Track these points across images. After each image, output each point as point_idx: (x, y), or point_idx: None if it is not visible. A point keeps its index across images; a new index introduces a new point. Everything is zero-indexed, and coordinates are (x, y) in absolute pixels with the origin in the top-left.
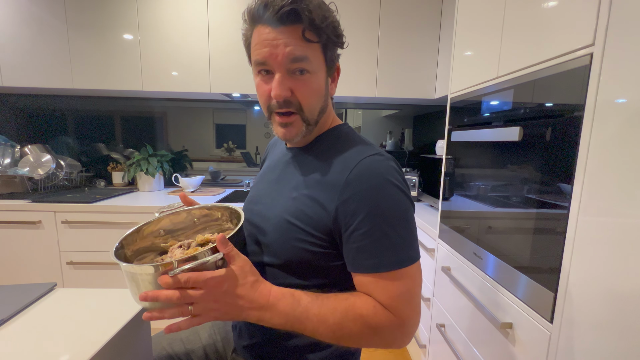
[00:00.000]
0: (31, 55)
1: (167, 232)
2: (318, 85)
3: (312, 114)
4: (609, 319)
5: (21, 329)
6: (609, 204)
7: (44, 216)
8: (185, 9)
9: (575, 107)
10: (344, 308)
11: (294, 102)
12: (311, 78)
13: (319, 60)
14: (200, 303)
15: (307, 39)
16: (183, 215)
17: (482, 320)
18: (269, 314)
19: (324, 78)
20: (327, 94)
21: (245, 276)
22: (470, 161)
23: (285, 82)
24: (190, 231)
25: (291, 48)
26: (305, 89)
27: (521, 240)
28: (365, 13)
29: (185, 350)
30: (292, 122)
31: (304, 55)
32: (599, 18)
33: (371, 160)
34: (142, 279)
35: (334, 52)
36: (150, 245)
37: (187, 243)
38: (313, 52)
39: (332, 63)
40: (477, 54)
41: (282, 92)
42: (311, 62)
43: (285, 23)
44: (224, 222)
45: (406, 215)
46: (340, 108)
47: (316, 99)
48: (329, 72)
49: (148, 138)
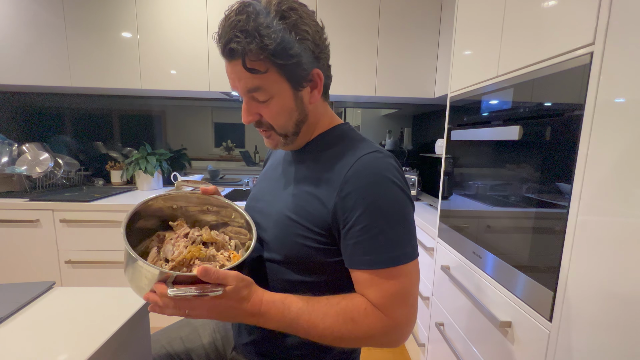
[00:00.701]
0: (29, 53)
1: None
2: (282, 107)
3: (285, 130)
4: (608, 318)
5: (19, 328)
6: (608, 203)
7: (42, 215)
8: (184, 7)
9: (575, 106)
10: (334, 313)
11: (264, 122)
12: (272, 102)
13: (276, 83)
14: (195, 311)
15: (252, 70)
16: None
17: (481, 319)
18: (261, 320)
19: (290, 96)
20: (300, 106)
21: (238, 293)
22: (469, 160)
23: (251, 109)
24: (200, 214)
25: (243, 82)
26: (269, 112)
27: (520, 239)
28: (365, 12)
29: (185, 348)
30: (270, 135)
31: (255, 85)
32: (599, 17)
33: (370, 158)
34: (140, 272)
35: (299, 67)
36: (162, 209)
37: (194, 236)
38: (265, 79)
39: (299, 77)
40: (476, 53)
41: (248, 117)
42: (265, 89)
43: (229, 59)
44: (235, 224)
45: (404, 212)
46: (340, 107)
47: (284, 118)
48: (297, 87)
49: (147, 137)
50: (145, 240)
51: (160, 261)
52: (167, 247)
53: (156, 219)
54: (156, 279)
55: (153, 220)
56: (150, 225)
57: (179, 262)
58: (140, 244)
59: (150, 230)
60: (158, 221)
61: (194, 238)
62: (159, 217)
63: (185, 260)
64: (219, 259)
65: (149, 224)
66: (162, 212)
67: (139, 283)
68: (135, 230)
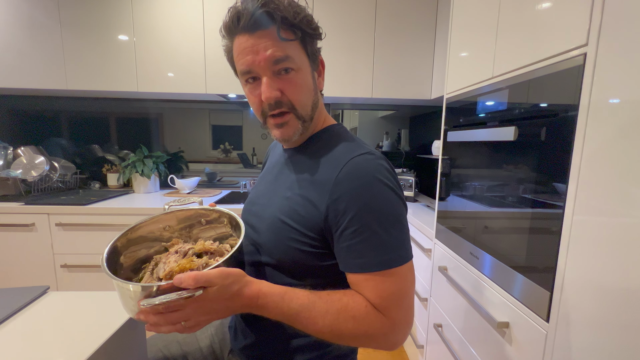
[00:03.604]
0: (24, 56)
1: (173, 228)
2: (305, 81)
3: (305, 110)
4: (604, 318)
5: (13, 333)
6: (603, 203)
7: (37, 218)
8: (181, 9)
9: (570, 107)
10: (335, 310)
11: (285, 102)
12: (297, 75)
13: (300, 56)
14: (190, 320)
15: (284, 37)
16: (190, 213)
17: (479, 319)
18: (260, 312)
19: (310, 72)
20: (315, 88)
21: (227, 290)
22: (466, 161)
23: (273, 84)
24: (196, 229)
25: (271, 50)
26: (293, 86)
27: (517, 239)
28: (361, 14)
29: (182, 352)
30: (287, 122)
31: (285, 54)
32: (592, 18)
33: (361, 159)
34: (123, 293)
35: (314, 46)
36: (158, 236)
37: (185, 249)
38: (293, 49)
39: (315, 57)
40: (472, 55)
41: (271, 93)
42: (293, 59)
43: (259, 27)
44: (228, 228)
45: (396, 214)
46: (337, 109)
47: (306, 95)
48: (313, 66)
49: (143, 139)
50: (146, 267)
51: (154, 282)
52: (159, 266)
53: (158, 246)
54: (140, 297)
55: (156, 247)
56: (153, 254)
57: (166, 276)
58: (141, 272)
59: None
60: (162, 248)
61: (185, 251)
62: (160, 242)
63: (173, 274)
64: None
65: (150, 252)
66: (158, 237)
67: (128, 305)
68: (138, 262)
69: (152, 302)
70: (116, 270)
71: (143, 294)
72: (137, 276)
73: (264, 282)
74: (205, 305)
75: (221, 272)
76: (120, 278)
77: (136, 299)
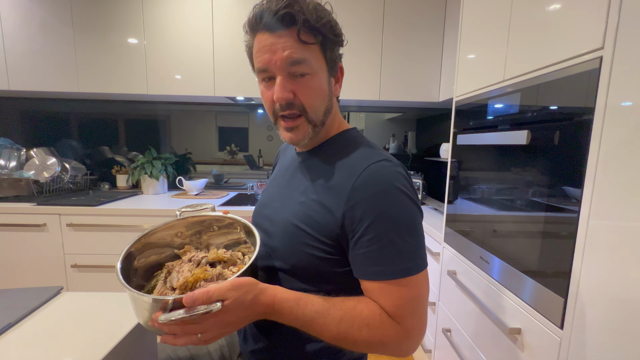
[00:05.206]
0: (37, 60)
1: (184, 234)
2: (320, 86)
3: (316, 115)
4: (621, 325)
5: (28, 333)
6: (620, 208)
7: (49, 219)
8: (190, 13)
9: (585, 110)
10: (350, 318)
11: (297, 104)
12: (312, 79)
13: (318, 61)
14: (207, 333)
15: (304, 40)
16: (203, 219)
17: (489, 325)
18: (275, 318)
19: (326, 78)
20: (330, 94)
21: (242, 302)
22: (475, 164)
23: (287, 85)
24: (206, 234)
25: (289, 51)
26: (306, 90)
27: (529, 244)
28: (369, 16)
29: (191, 355)
30: (298, 126)
31: (302, 57)
32: (609, 21)
33: (378, 167)
34: (138, 304)
35: (335, 52)
36: (169, 242)
37: (198, 258)
38: (311, 53)
39: (334, 63)
40: (482, 57)
41: (283, 94)
42: (310, 63)
43: (280, 27)
44: (241, 234)
45: (413, 222)
46: (344, 111)
47: (319, 100)
48: (331, 72)
49: (152, 141)
50: (158, 275)
51: (167, 291)
52: (173, 274)
53: (169, 252)
54: (156, 309)
55: (167, 253)
56: (164, 260)
57: (181, 287)
58: (153, 279)
59: (163, 265)
60: (172, 254)
61: (199, 260)
62: (171, 248)
63: (188, 284)
64: (227, 276)
65: (161, 258)
66: (169, 243)
67: (142, 317)
68: (149, 268)
69: (170, 317)
70: (129, 277)
71: (158, 306)
72: (149, 284)
73: (278, 288)
74: (223, 318)
75: (233, 283)
76: (132, 285)
77: (151, 310)
